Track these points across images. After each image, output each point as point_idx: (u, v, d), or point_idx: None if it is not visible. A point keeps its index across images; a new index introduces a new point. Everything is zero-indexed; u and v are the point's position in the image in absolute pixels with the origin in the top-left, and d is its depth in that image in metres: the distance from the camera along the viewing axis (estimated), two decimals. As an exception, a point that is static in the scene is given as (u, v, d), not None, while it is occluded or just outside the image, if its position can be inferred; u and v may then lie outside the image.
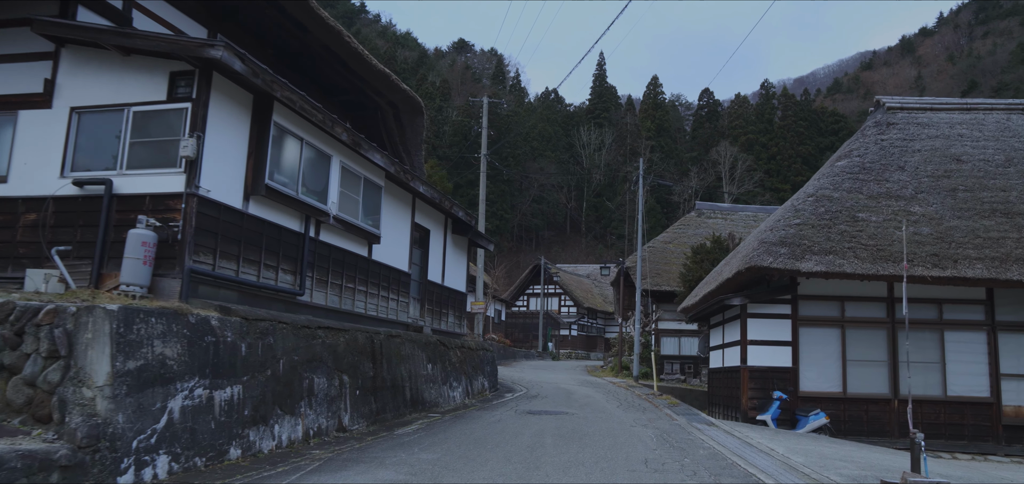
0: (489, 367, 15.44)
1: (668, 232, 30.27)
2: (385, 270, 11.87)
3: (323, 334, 8.62)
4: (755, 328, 13.00)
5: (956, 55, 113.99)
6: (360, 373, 9.38)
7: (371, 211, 11.14)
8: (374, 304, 11.47)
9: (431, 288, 13.97)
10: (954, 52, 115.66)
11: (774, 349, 12.90)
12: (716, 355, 15.77)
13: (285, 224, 9.08)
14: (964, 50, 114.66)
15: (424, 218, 13.68)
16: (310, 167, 9.49)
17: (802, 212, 13.26)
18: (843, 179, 13.98)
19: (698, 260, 22.57)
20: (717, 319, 15.73)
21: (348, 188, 10.43)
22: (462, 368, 13.32)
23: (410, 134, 15.33)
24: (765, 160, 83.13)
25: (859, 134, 15.55)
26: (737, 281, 13.26)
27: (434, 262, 14.15)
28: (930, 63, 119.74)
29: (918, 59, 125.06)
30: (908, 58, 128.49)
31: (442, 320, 14.39)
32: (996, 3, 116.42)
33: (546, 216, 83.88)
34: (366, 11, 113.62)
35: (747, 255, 12.81)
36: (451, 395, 12.48)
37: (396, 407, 10.29)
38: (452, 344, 13.08)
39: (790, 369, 12.75)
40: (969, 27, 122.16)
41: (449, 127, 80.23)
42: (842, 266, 11.99)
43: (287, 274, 9.15)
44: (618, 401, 14.43)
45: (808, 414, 12.26)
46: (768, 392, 12.70)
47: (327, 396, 8.52)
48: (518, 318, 49.07)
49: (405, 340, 10.95)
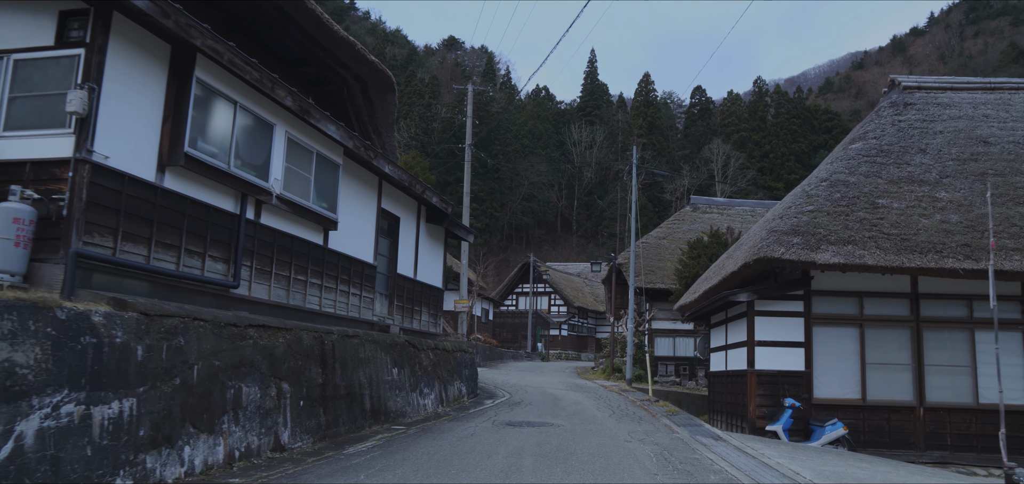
0: (468, 370, 13.99)
1: (662, 227, 28.94)
2: (345, 261, 10.40)
3: (256, 334, 7.14)
4: (763, 327, 11.62)
5: (947, 55, 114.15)
6: (306, 380, 7.90)
7: (326, 192, 9.66)
8: (330, 299, 9.99)
9: (401, 283, 12.50)
10: (945, 52, 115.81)
11: (785, 351, 11.52)
12: (718, 357, 14.39)
13: (214, 203, 7.59)
14: (955, 50, 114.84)
15: (393, 204, 12.20)
16: (246, 136, 8.00)
17: (816, 198, 11.90)
18: (859, 163, 12.63)
19: (695, 255, 21.24)
20: (719, 318, 14.35)
21: (296, 164, 8.94)
22: (435, 372, 11.87)
23: (380, 113, 13.84)
24: (758, 158, 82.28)
25: (874, 115, 14.22)
26: (743, 275, 11.88)
27: (405, 253, 12.68)
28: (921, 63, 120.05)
29: (909, 59, 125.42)
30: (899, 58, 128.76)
31: (414, 318, 12.93)
32: (987, 3, 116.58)
33: (536, 214, 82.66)
34: (355, 8, 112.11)
35: (755, 246, 11.43)
36: (421, 403, 11.02)
37: (352, 419, 8.82)
38: (424, 345, 11.63)
39: (803, 373, 11.39)
40: (960, 27, 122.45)
41: (438, 124, 78.90)
42: (863, 258, 10.63)
43: (217, 262, 7.66)
44: (610, 409, 13.02)
45: (824, 424, 10.89)
46: (779, 399, 11.33)
47: (260, 408, 7.04)
48: (506, 318, 47.62)
49: (365, 341, 9.49)
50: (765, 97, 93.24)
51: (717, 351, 14.45)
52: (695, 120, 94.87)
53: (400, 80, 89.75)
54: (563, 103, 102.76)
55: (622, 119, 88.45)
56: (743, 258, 11.61)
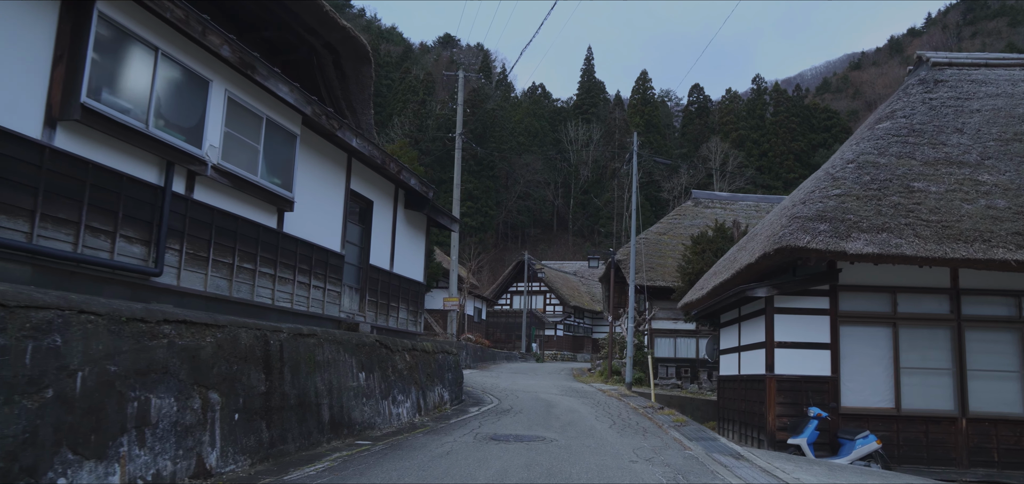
0: (451, 373, 12.59)
1: (662, 223, 27.58)
2: (305, 248, 8.99)
3: (173, 331, 5.72)
4: (784, 327, 10.26)
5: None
6: (243, 388, 6.49)
7: (279, 167, 8.25)
8: (286, 293, 8.58)
9: (375, 275, 11.10)
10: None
11: (808, 353, 10.17)
12: (728, 360, 13.02)
13: (128, 171, 6.19)
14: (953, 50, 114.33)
15: (365, 185, 10.78)
16: (172, 92, 6.59)
17: (842, 181, 10.55)
18: (889, 143, 11.29)
19: (699, 251, 19.87)
20: (730, 317, 12.99)
21: (240, 130, 7.54)
22: (412, 376, 10.46)
23: (355, 87, 12.44)
24: (757, 157, 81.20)
25: (901, 93, 12.89)
26: (760, 267, 10.53)
27: (379, 242, 11.27)
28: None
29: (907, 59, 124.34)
30: (897, 58, 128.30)
31: (390, 315, 11.52)
32: (984, 3, 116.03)
33: (532, 213, 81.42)
34: (351, 5, 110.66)
35: (775, 234, 10.07)
36: (394, 413, 9.61)
37: (305, 434, 7.41)
38: (399, 346, 10.22)
39: (829, 379, 10.03)
40: (957, 27, 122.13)
41: (432, 121, 77.54)
42: (900, 247, 9.28)
43: (133, 244, 6.26)
44: (610, 418, 11.64)
45: (854, 437, 9.53)
46: (802, 409, 9.97)
47: (177, 425, 5.63)
48: (500, 317, 46.20)
49: (324, 341, 8.08)
50: (764, 95, 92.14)
51: (728, 353, 13.08)
52: (693, 118, 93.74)
53: (394, 77, 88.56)
54: (559, 101, 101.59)
55: (619, 117, 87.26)
56: (761, 248, 10.25)
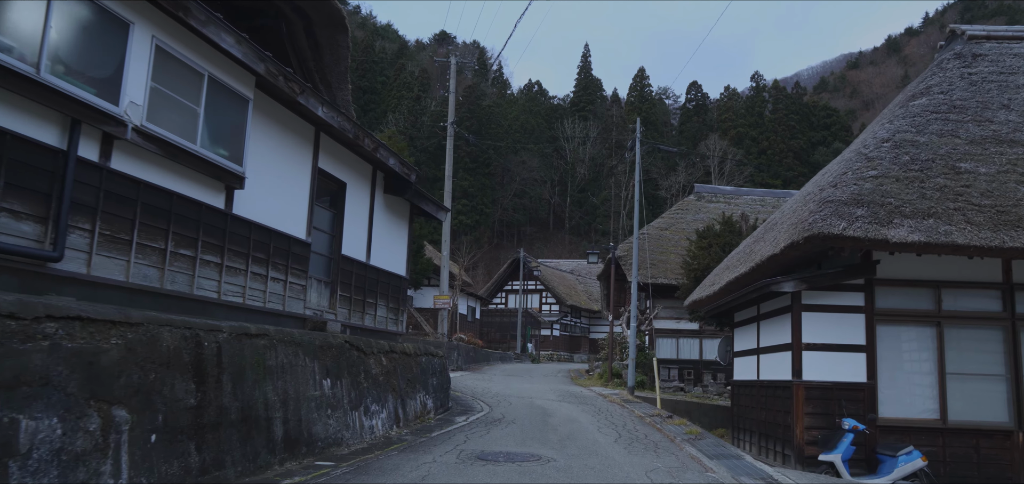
0: (436, 378, 11.29)
1: (664, 217, 26.35)
2: (261, 234, 7.70)
3: (59, 331, 4.43)
4: (813, 326, 9.01)
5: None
6: (163, 401, 5.20)
7: (227, 135, 6.96)
8: (236, 285, 7.28)
9: (348, 267, 9.80)
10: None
11: (840, 357, 8.92)
12: (745, 364, 11.77)
13: (13, 128, 4.89)
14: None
15: (336, 165, 9.48)
16: (78, 34, 5.30)
17: (878, 161, 9.30)
18: (928, 120, 10.06)
19: (705, 245, 18.64)
20: (746, 316, 11.74)
21: (173, 87, 6.24)
22: (389, 383, 9.16)
23: (329, 58, 11.15)
24: (756, 154, 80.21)
25: (934, 69, 11.66)
26: (785, 259, 9.27)
27: (354, 231, 9.97)
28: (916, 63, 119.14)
29: (904, 58, 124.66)
30: (894, 57, 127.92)
31: (366, 313, 10.22)
32: (981, 3, 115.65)
33: (528, 211, 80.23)
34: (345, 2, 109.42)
35: (803, 221, 8.80)
36: (366, 425, 8.31)
37: (250, 455, 6.12)
38: (373, 348, 8.92)
39: (864, 386, 8.79)
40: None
41: (427, 117, 76.31)
42: (950, 235, 8.04)
43: (23, 221, 4.96)
44: (614, 428, 10.38)
45: (895, 453, 8.28)
46: (834, 420, 8.72)
47: (63, 452, 4.34)
48: (494, 316, 44.90)
49: (278, 342, 6.79)
50: (763, 93, 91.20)
51: (743, 356, 11.83)
52: (690, 116, 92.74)
53: (389, 74, 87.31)
54: (556, 98, 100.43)
55: (616, 114, 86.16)
56: (788, 237, 8.98)
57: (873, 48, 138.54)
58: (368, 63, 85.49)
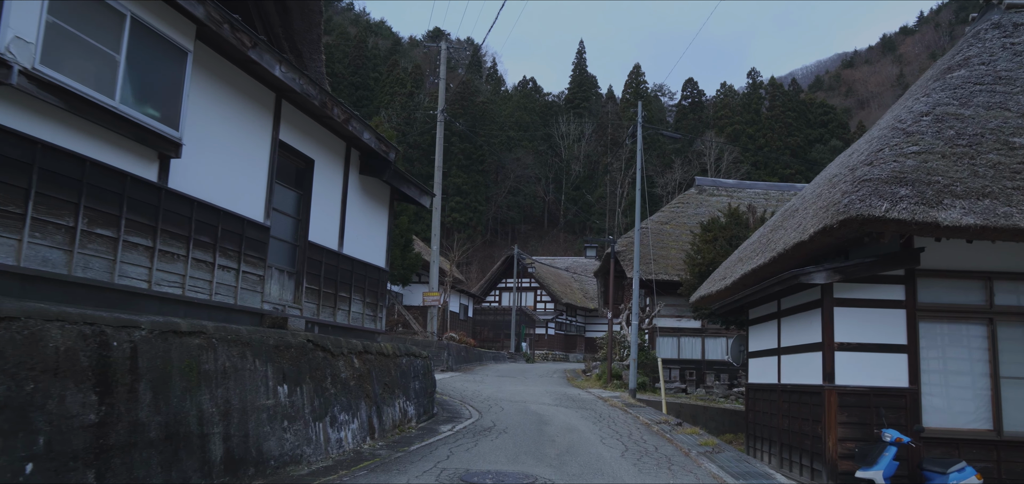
0: (420, 381, 10.12)
1: (664, 211, 25.23)
2: (206, 214, 6.50)
3: None
4: (847, 323, 7.89)
5: (938, 53, 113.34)
6: (48, 420, 4.02)
7: (158, 93, 5.76)
8: (174, 274, 6.09)
9: (317, 256, 8.60)
10: (936, 50, 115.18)
11: (878, 358, 7.81)
12: (762, 365, 10.63)
13: None
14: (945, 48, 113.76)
15: (302, 138, 8.28)
16: (-63, -60, 4.09)
17: (919, 135, 8.18)
18: (971, 92, 8.95)
19: (710, 239, 17.51)
20: (763, 312, 10.62)
21: (81, 26, 5.04)
22: (362, 388, 7.98)
23: (299, 22, 9.96)
24: (752, 152, 79.34)
25: (971, 39, 10.55)
26: (812, 247, 8.14)
27: (323, 215, 8.77)
28: (912, 61, 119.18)
29: (899, 57, 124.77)
30: (889, 56, 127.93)
31: (338, 309, 9.02)
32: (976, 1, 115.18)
33: (523, 209, 79.20)
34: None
35: (835, 202, 7.67)
36: (333, 439, 7.12)
37: (178, 481, 4.93)
38: (343, 348, 7.74)
39: (906, 391, 7.68)
40: (949, 26, 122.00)
41: (421, 114, 75.15)
42: (1012, 218, 6.94)
43: None
44: (619, 438, 9.24)
45: (945, 470, 7.17)
46: (871, 430, 7.60)
47: None
48: (488, 315, 43.71)
49: (218, 342, 5.60)
50: (760, 89, 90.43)
51: (761, 356, 10.70)
52: (686, 113, 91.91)
53: (382, 70, 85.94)
54: (551, 95, 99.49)
55: (611, 111, 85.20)
56: (818, 221, 7.84)
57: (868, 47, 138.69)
58: (361, 59, 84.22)
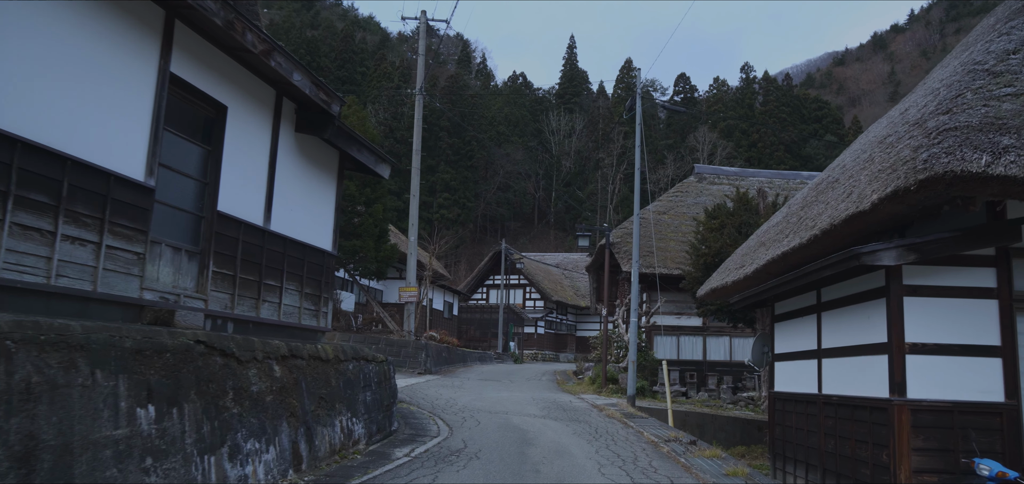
0: (372, 392, 8.17)
1: (662, 200, 23.43)
2: (36, 161, 4.52)
3: None
4: (919, 317, 6.05)
5: (929, 51, 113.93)
6: None
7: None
8: (-33, 243, 4.11)
9: (232, 233, 6.63)
10: (927, 48, 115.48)
11: (961, 363, 5.98)
12: (795, 370, 8.75)
13: None
14: (936, 46, 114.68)
15: (209, 77, 6.30)
16: None
17: (1010, 75, 6.34)
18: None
19: (716, 226, 15.70)
20: (794, 306, 8.76)
21: None
22: (284, 404, 6.04)
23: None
24: (746, 147, 78.10)
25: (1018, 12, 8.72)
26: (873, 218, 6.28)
27: (242, 180, 6.79)
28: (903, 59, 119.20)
29: (890, 55, 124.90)
30: (880, 55, 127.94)
31: (263, 301, 7.06)
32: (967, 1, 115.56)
33: (512, 205, 77.41)
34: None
35: (906, 160, 5.80)
36: (233, 475, 5.17)
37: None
38: (255, 353, 5.79)
39: (1002, 408, 5.85)
40: (940, 23, 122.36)
41: (407, 108, 73.13)
42: None
43: None
44: (623, 467, 7.34)
45: (1063, 515, 5.35)
46: (957, 459, 5.77)
47: None
48: (474, 313, 41.76)
49: (21, 345, 3.66)
50: (753, 84, 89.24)
51: (793, 359, 8.82)
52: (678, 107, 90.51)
53: (369, 65, 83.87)
54: (541, 90, 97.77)
55: (603, 106, 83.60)
56: (882, 186, 5.96)
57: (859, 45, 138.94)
58: (348, 54, 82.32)
